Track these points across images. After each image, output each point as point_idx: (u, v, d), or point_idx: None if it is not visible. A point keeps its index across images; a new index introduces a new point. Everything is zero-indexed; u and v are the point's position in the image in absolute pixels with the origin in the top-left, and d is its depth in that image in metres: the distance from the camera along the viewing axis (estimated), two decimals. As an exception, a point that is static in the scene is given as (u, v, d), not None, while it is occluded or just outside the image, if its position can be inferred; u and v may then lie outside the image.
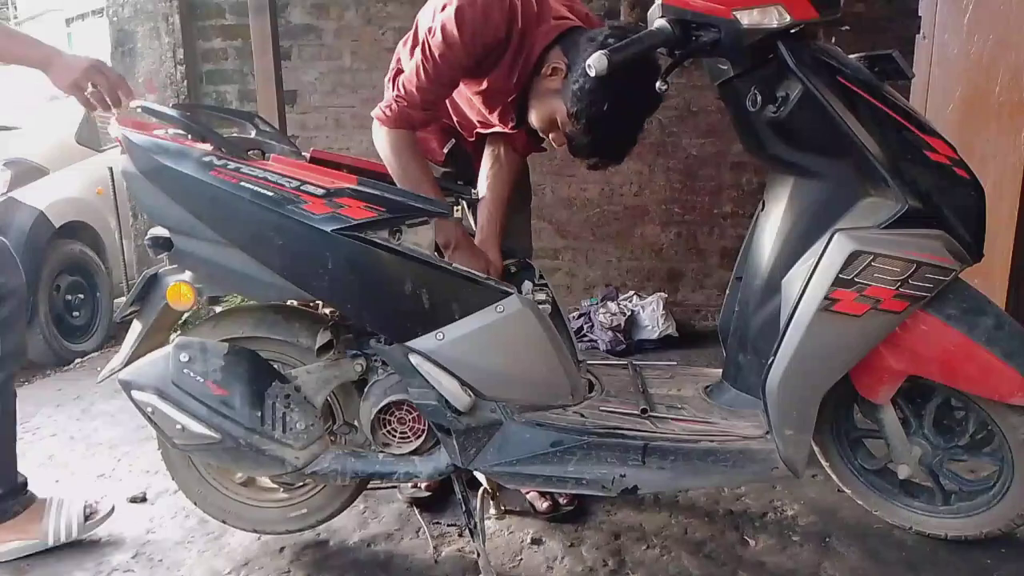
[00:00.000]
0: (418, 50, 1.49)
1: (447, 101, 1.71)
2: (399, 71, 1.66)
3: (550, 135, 1.57)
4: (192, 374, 1.42)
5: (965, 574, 1.53)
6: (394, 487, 1.90)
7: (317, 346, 1.49)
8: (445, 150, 1.81)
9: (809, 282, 1.34)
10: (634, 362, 1.80)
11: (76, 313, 3.55)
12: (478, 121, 1.72)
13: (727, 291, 1.67)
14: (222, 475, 1.65)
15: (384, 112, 1.55)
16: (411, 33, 1.66)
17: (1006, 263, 1.99)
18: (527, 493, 1.82)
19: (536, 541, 1.70)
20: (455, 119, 1.78)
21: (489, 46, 1.47)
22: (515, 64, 1.52)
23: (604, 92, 1.39)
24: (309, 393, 1.49)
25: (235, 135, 1.66)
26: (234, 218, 1.38)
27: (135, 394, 1.46)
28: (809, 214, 1.42)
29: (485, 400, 1.43)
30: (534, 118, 1.57)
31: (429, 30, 1.47)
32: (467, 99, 1.69)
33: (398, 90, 1.53)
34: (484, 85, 1.58)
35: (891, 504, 1.65)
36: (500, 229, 1.72)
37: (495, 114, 1.65)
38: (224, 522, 1.67)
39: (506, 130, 1.67)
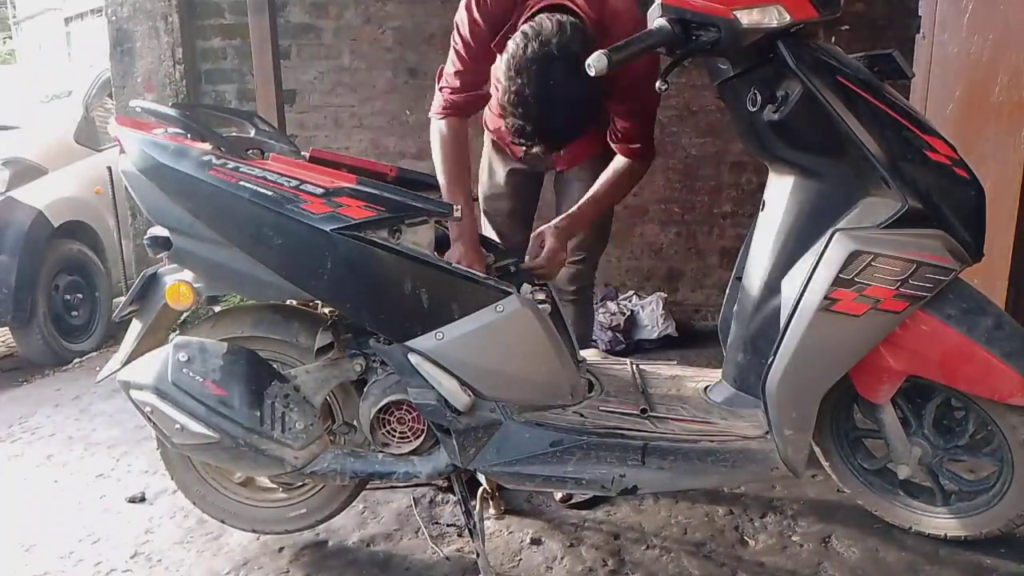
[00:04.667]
0: (451, 37, 1.59)
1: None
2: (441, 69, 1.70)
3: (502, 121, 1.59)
4: (191, 374, 1.42)
5: (965, 574, 1.52)
6: (393, 487, 1.90)
7: (317, 347, 1.48)
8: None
9: (809, 282, 1.34)
10: (634, 362, 1.80)
11: (75, 313, 3.55)
12: None
13: (727, 291, 1.67)
14: (221, 475, 1.65)
15: (434, 106, 1.64)
16: None
17: (1006, 263, 1.99)
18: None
19: (535, 541, 1.69)
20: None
21: (498, 18, 1.54)
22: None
23: (527, 81, 1.40)
24: (308, 393, 1.49)
25: (234, 134, 1.66)
26: (233, 217, 1.38)
27: (134, 394, 1.46)
28: (809, 214, 1.42)
29: (485, 400, 1.43)
30: (492, 103, 1.65)
31: (457, 19, 1.57)
32: None
33: (441, 82, 1.63)
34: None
35: (891, 504, 1.64)
36: (569, 224, 1.71)
37: None
38: (223, 522, 1.67)
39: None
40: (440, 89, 1.64)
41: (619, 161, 1.78)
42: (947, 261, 1.33)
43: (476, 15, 1.55)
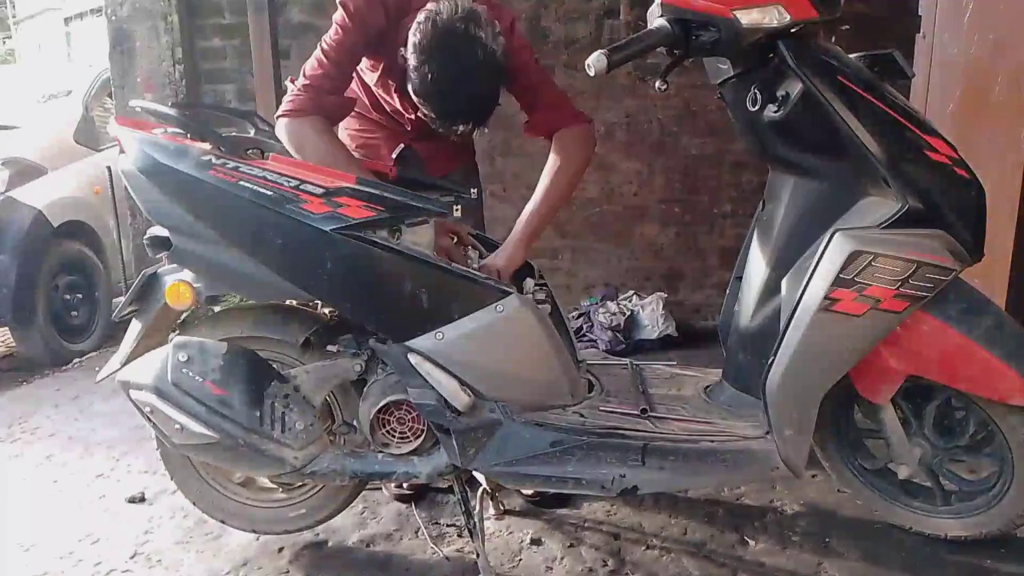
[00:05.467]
0: (319, 42, 1.56)
1: (380, 90, 1.73)
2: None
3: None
4: (191, 374, 1.42)
5: (965, 574, 1.52)
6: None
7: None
8: (394, 155, 1.80)
9: (809, 282, 1.34)
10: (634, 362, 1.80)
11: (74, 313, 3.55)
12: (399, 106, 1.74)
13: (727, 291, 1.67)
14: (221, 475, 1.65)
15: (290, 104, 1.54)
16: None
17: (1006, 263, 1.99)
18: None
19: (535, 541, 1.69)
20: (388, 110, 1.78)
21: (376, 33, 1.56)
22: (397, 49, 1.55)
23: (424, 63, 1.43)
24: (308, 393, 1.49)
25: (234, 134, 1.66)
26: (233, 217, 1.38)
27: (134, 394, 1.46)
28: (809, 214, 1.42)
29: (484, 400, 1.43)
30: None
31: (333, 21, 1.55)
32: (387, 91, 1.73)
33: (301, 81, 1.56)
34: (378, 72, 1.65)
35: (891, 504, 1.64)
36: (531, 233, 1.65)
37: (399, 103, 1.70)
38: (223, 522, 1.67)
39: (414, 117, 1.70)
40: (302, 87, 1.53)
41: (557, 150, 1.71)
42: (947, 261, 1.33)
43: (347, 22, 1.52)
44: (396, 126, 1.80)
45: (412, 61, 1.46)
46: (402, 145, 1.80)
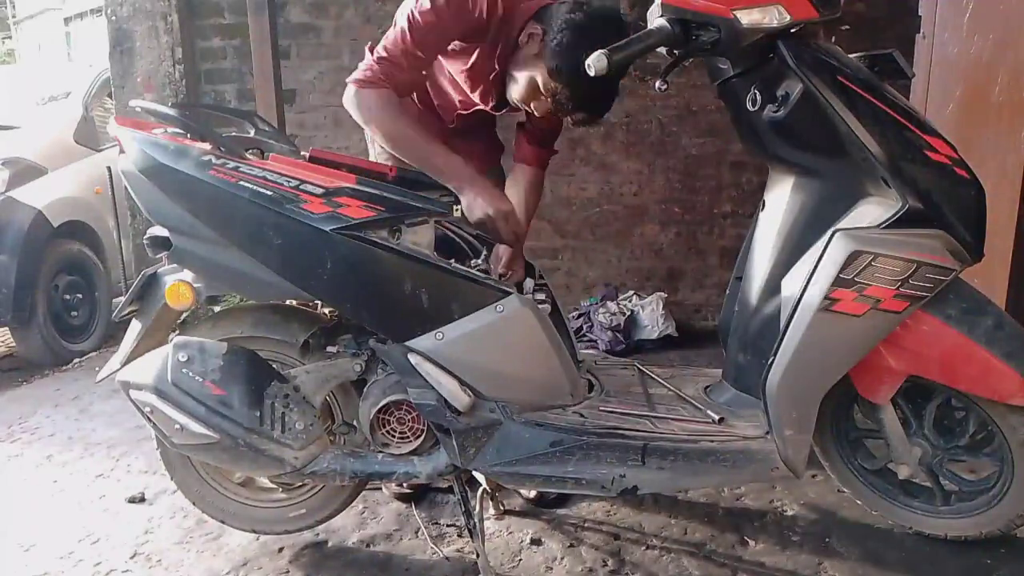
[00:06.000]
0: (403, 16, 1.53)
1: (428, 84, 1.72)
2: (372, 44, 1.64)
3: (531, 104, 1.60)
4: (191, 374, 1.42)
5: (965, 574, 1.52)
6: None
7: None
8: None
9: (809, 282, 1.34)
10: (634, 362, 1.80)
11: (74, 313, 3.55)
12: (459, 101, 1.73)
13: (727, 291, 1.67)
14: (221, 475, 1.65)
15: (364, 74, 1.54)
16: None
17: (1006, 263, 1.99)
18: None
19: (535, 541, 1.69)
20: (436, 102, 1.77)
21: (471, 26, 1.53)
22: (496, 44, 1.57)
23: (580, 43, 1.42)
24: (308, 393, 1.49)
25: (234, 134, 1.66)
26: (233, 217, 1.38)
27: (134, 394, 1.46)
28: (809, 214, 1.42)
29: (484, 400, 1.43)
30: (514, 91, 1.60)
31: (419, 4, 1.51)
32: (450, 79, 1.71)
33: (379, 53, 1.54)
34: (469, 63, 1.62)
35: (891, 504, 1.64)
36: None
37: (477, 93, 1.68)
38: (223, 522, 1.67)
39: (487, 109, 1.70)
40: (378, 60, 1.52)
41: (531, 175, 1.86)
42: (947, 261, 1.33)
43: (446, 10, 1.49)
44: (435, 121, 1.78)
45: (564, 38, 1.46)
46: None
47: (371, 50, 1.58)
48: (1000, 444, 1.47)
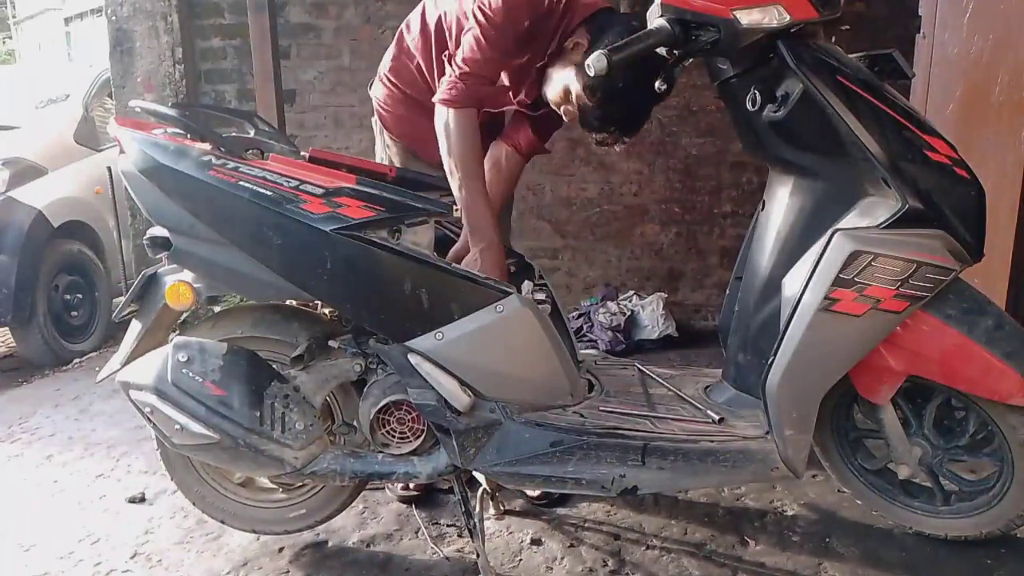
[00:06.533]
0: (472, 23, 1.51)
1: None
2: (450, 54, 1.62)
3: (562, 107, 1.59)
4: (191, 374, 1.42)
5: (965, 574, 1.52)
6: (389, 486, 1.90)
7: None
8: None
9: (809, 282, 1.34)
10: (634, 362, 1.80)
11: (75, 313, 3.55)
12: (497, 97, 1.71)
13: (727, 291, 1.67)
14: (221, 475, 1.65)
15: (449, 94, 1.55)
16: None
17: (1006, 263, 1.99)
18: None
19: (536, 541, 1.69)
20: None
21: (542, 13, 1.51)
22: (555, 35, 1.55)
23: (623, 69, 1.38)
24: (308, 393, 1.49)
25: (234, 134, 1.66)
26: (233, 217, 1.38)
27: (134, 394, 1.46)
28: (809, 214, 1.42)
29: (484, 400, 1.43)
30: (549, 90, 1.59)
31: (483, 3, 1.49)
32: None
33: (459, 68, 1.53)
34: (524, 56, 1.60)
35: (891, 504, 1.64)
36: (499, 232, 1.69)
37: (524, 87, 1.66)
38: (223, 522, 1.67)
39: (520, 107, 1.68)
40: (461, 76, 1.53)
41: (493, 160, 1.75)
42: (947, 261, 1.33)
43: (518, 1, 1.47)
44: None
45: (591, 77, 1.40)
46: None
47: (450, 62, 1.57)
48: (1000, 444, 1.47)
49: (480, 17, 1.49)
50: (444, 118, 1.56)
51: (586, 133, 1.60)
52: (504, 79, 1.67)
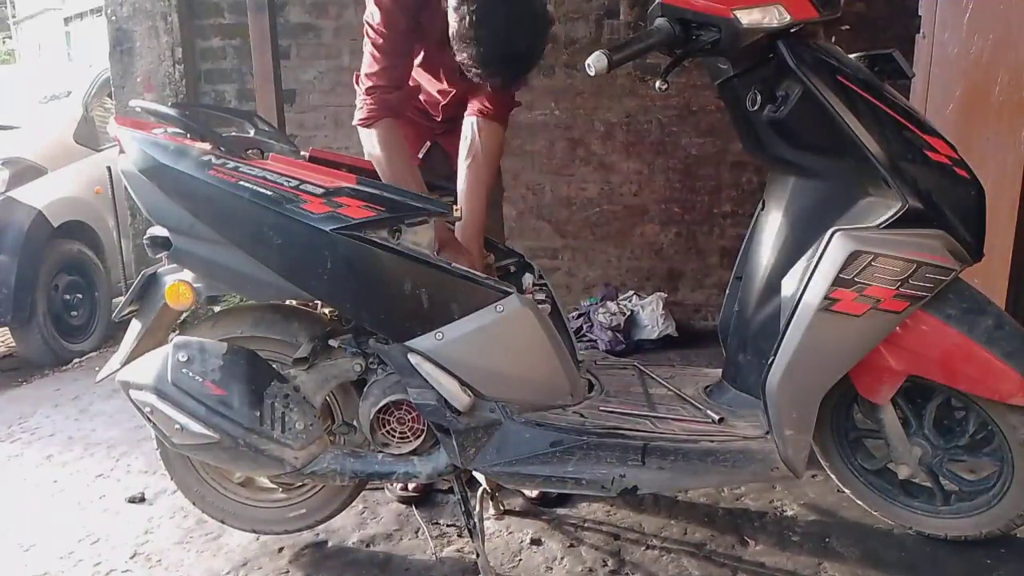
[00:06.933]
0: (365, 40, 1.53)
1: (421, 74, 1.71)
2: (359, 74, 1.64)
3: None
4: (191, 374, 1.42)
5: (965, 574, 1.52)
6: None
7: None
8: (420, 154, 1.80)
9: (809, 282, 1.34)
10: (633, 362, 1.80)
11: (74, 313, 3.55)
12: (437, 92, 1.72)
13: (727, 291, 1.67)
14: (220, 475, 1.65)
15: (361, 112, 1.56)
16: None
17: (1006, 263, 1.99)
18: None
19: (535, 541, 1.69)
20: (422, 98, 1.77)
21: (418, 6, 1.50)
22: (438, 12, 1.49)
23: (469, 6, 1.34)
24: (308, 393, 1.49)
25: (234, 134, 1.66)
26: (233, 217, 1.38)
27: (134, 394, 1.46)
28: (809, 214, 1.42)
29: (484, 400, 1.43)
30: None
31: (367, 16, 1.51)
32: (423, 76, 1.71)
33: (361, 84, 1.56)
34: (421, 55, 1.61)
35: (891, 504, 1.64)
36: (482, 222, 1.68)
37: (443, 73, 1.66)
38: (223, 522, 1.67)
39: (456, 90, 1.67)
40: (367, 92, 1.54)
41: (469, 139, 1.69)
42: (947, 261, 1.33)
43: (388, 3, 1.48)
44: (425, 120, 1.77)
45: (452, 2, 1.38)
46: (429, 143, 1.80)
47: (357, 81, 1.58)
48: (1000, 444, 1.47)
49: (368, 31, 1.52)
50: (368, 136, 1.57)
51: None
52: (425, 83, 1.69)
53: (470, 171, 1.67)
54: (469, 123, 1.69)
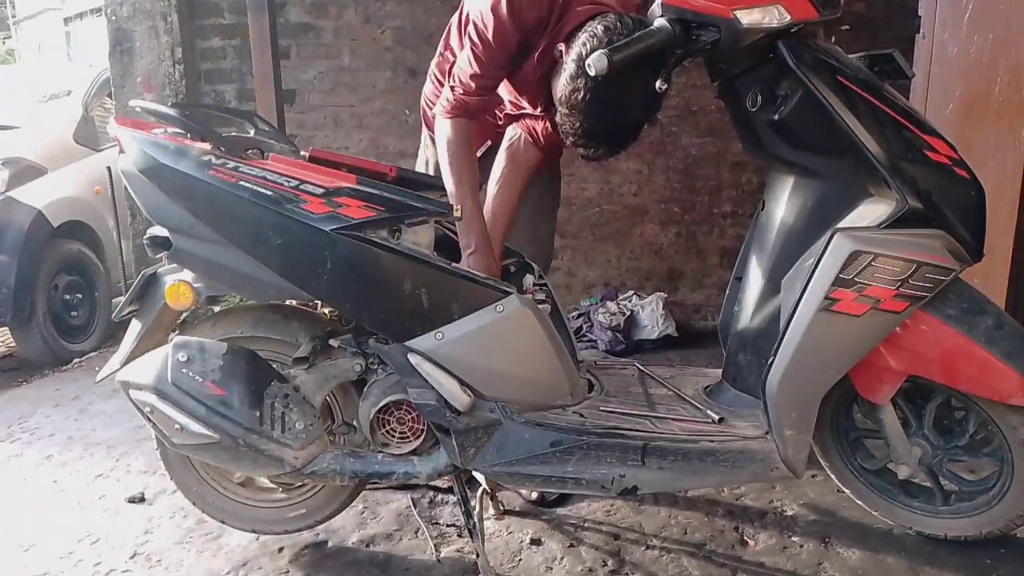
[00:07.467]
0: (467, 40, 1.52)
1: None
2: (451, 63, 1.65)
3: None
4: (191, 374, 1.42)
5: (965, 574, 1.52)
6: (392, 487, 1.90)
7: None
8: (480, 152, 1.79)
9: (809, 282, 1.34)
10: (633, 362, 1.80)
11: (74, 313, 3.55)
12: (509, 102, 1.72)
13: (727, 291, 1.67)
14: (220, 475, 1.64)
15: (443, 104, 1.60)
16: (456, 23, 1.70)
17: (1006, 263, 1.99)
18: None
19: (535, 541, 1.69)
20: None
21: (533, 23, 1.49)
22: (550, 44, 1.50)
23: (587, 82, 1.36)
24: (308, 393, 1.49)
25: (234, 134, 1.66)
26: (233, 217, 1.38)
27: (133, 394, 1.46)
28: (809, 214, 1.42)
29: (484, 400, 1.43)
30: (554, 95, 1.53)
31: (477, 16, 1.49)
32: (508, 83, 1.69)
33: (453, 80, 1.58)
34: (519, 69, 1.59)
35: (891, 504, 1.64)
36: (503, 232, 1.70)
37: (526, 96, 1.66)
38: (223, 522, 1.67)
39: (534, 112, 1.68)
40: (452, 88, 1.58)
41: (509, 151, 1.73)
42: (947, 261, 1.33)
43: (506, 18, 1.45)
44: (490, 118, 1.77)
45: (571, 70, 1.39)
46: (489, 142, 1.81)
47: (449, 74, 1.60)
48: (1000, 444, 1.47)
49: (474, 36, 1.50)
50: (440, 127, 1.61)
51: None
52: (507, 91, 1.68)
53: (503, 180, 1.71)
54: (518, 133, 1.75)
